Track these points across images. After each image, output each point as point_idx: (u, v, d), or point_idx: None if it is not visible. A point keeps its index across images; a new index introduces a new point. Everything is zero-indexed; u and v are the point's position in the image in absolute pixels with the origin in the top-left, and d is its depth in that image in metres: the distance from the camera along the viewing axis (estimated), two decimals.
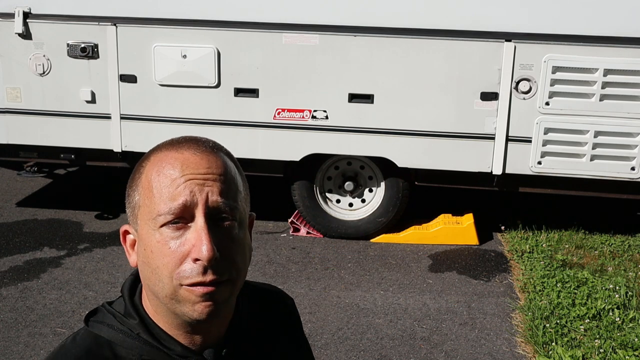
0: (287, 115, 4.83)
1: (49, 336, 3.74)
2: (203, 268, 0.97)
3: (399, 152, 4.85)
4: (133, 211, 1.04)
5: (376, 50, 4.66)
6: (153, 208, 0.99)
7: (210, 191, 0.99)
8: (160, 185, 0.99)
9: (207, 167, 1.00)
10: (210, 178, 1.00)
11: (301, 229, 5.28)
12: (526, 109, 4.64)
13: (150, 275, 1.00)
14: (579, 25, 4.47)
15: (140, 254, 1.02)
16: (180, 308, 1.00)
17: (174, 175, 0.99)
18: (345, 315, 4.08)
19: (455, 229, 5.19)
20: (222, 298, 1.00)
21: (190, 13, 4.71)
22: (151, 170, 1.01)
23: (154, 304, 1.05)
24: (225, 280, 1.00)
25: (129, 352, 1.04)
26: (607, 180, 4.75)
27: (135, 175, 1.05)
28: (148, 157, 1.05)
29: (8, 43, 4.88)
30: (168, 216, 0.98)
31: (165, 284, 0.99)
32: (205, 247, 0.96)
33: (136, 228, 1.04)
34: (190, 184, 0.98)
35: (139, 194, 1.02)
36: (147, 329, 1.05)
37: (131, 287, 1.10)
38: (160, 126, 4.88)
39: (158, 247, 0.99)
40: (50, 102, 4.98)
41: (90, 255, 4.82)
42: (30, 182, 6.37)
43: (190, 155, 1.01)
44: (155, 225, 0.99)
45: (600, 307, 4.05)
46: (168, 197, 0.98)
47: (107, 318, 1.07)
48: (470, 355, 3.69)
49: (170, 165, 1.00)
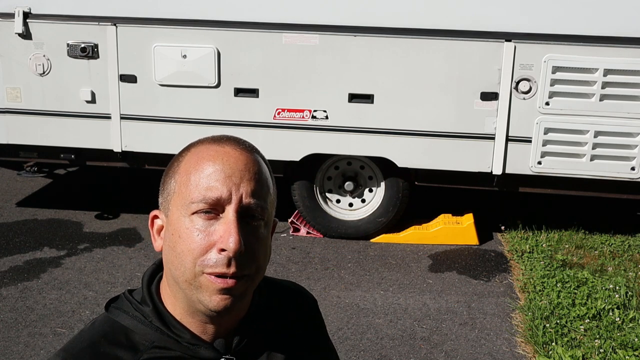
0: (287, 115, 4.83)
1: (49, 336, 3.74)
2: (227, 260, 1.00)
3: (399, 152, 4.85)
4: (167, 197, 1.07)
5: (376, 50, 4.66)
6: (188, 195, 1.03)
7: (245, 190, 1.02)
8: (198, 174, 1.03)
9: (245, 164, 1.04)
10: (246, 176, 1.03)
11: (301, 229, 5.28)
12: (526, 109, 4.64)
13: (174, 259, 1.04)
14: (579, 25, 4.48)
15: (168, 238, 1.06)
16: (198, 295, 1.03)
17: (213, 167, 1.03)
18: (345, 315, 4.08)
19: (455, 229, 5.19)
20: (239, 292, 1.03)
21: (190, 13, 4.71)
22: (191, 160, 1.05)
23: (173, 289, 1.07)
24: (246, 275, 1.03)
25: (142, 338, 1.07)
26: (607, 180, 4.75)
27: (173, 164, 1.08)
28: (188, 149, 1.09)
29: (8, 43, 4.88)
30: (201, 204, 1.01)
31: (187, 268, 1.02)
32: (232, 239, 0.99)
33: (167, 213, 1.07)
34: (227, 180, 1.02)
35: (175, 181, 1.06)
36: (159, 316, 1.08)
37: (151, 275, 1.14)
38: (160, 126, 4.88)
39: (187, 232, 1.02)
40: (50, 102, 4.97)
41: (90, 255, 4.82)
42: (30, 182, 6.37)
43: (231, 149, 1.05)
44: (187, 212, 1.02)
45: (600, 307, 4.05)
46: (205, 187, 1.02)
47: (124, 305, 1.11)
48: (470, 355, 3.69)
49: (211, 157, 1.04)
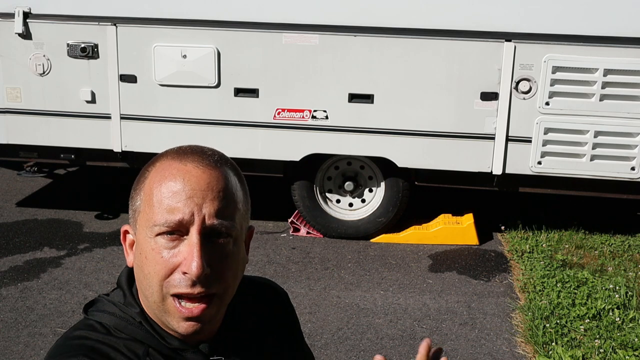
0: (287, 115, 4.83)
1: (49, 336, 3.74)
2: (191, 282, 0.99)
3: (399, 152, 4.85)
4: (134, 214, 1.06)
5: (376, 50, 4.65)
6: (151, 216, 1.01)
7: (208, 211, 1.00)
8: (160, 195, 1.01)
9: (208, 183, 1.01)
10: (209, 196, 1.00)
11: (301, 229, 5.28)
12: (526, 109, 4.64)
13: (142, 279, 1.04)
14: (579, 25, 4.47)
15: (137, 257, 1.05)
16: (167, 318, 1.03)
17: (174, 188, 1.00)
18: (345, 315, 4.08)
19: (455, 229, 5.19)
20: (208, 317, 1.03)
21: (190, 13, 4.71)
22: (154, 179, 1.03)
23: (146, 305, 1.07)
24: (213, 295, 1.01)
25: (138, 337, 1.07)
26: (607, 180, 4.75)
27: (140, 179, 1.07)
28: (154, 163, 1.06)
29: (8, 43, 4.88)
30: (163, 227, 1.00)
31: (154, 290, 1.02)
32: (195, 264, 0.98)
33: (135, 231, 1.06)
34: (189, 201, 0.99)
35: (141, 199, 1.04)
36: (147, 319, 1.08)
37: (128, 278, 1.13)
38: (160, 126, 4.88)
39: (152, 254, 1.01)
40: (50, 102, 4.97)
41: (90, 255, 4.82)
42: (30, 182, 6.37)
43: (193, 168, 1.02)
44: (152, 233, 1.01)
45: (600, 307, 4.05)
46: (166, 209, 1.00)
47: (107, 307, 1.10)
48: (470, 355, 3.69)
49: (173, 176, 1.01)
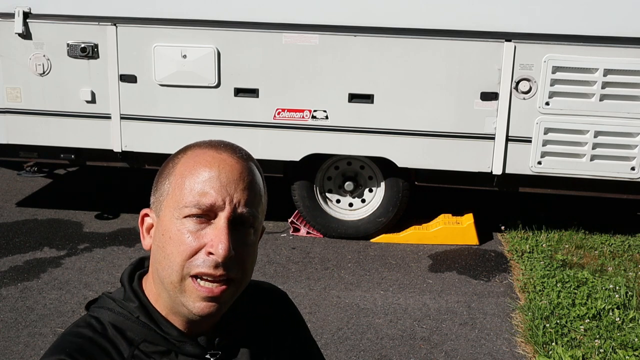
0: (287, 115, 4.83)
1: (49, 336, 3.74)
2: (215, 263, 1.01)
3: (399, 152, 4.85)
4: (159, 197, 1.08)
5: (376, 50, 4.65)
6: (181, 198, 1.03)
7: (239, 199, 1.03)
8: (194, 178, 1.03)
9: (240, 173, 1.05)
10: (241, 185, 1.04)
11: (301, 229, 5.28)
12: (526, 109, 4.64)
13: (162, 260, 1.05)
14: (579, 25, 4.47)
15: (157, 238, 1.06)
16: (182, 299, 1.04)
17: (210, 173, 1.03)
18: (345, 315, 4.08)
19: (455, 229, 5.19)
20: (224, 299, 1.05)
21: (190, 13, 4.71)
22: (187, 163, 1.06)
23: (158, 288, 1.08)
24: (232, 279, 1.04)
25: (132, 334, 1.08)
26: (607, 180, 4.75)
27: (168, 164, 1.09)
28: (185, 151, 1.09)
29: (8, 43, 4.88)
30: (194, 209, 1.02)
31: (174, 270, 1.03)
32: (222, 246, 1.00)
33: (158, 213, 1.07)
34: (222, 189, 1.02)
35: (170, 183, 1.06)
36: (146, 313, 1.09)
37: (130, 274, 1.15)
38: (160, 126, 4.88)
39: (177, 234, 1.03)
40: (50, 102, 4.97)
41: (90, 255, 4.82)
42: (30, 182, 6.37)
43: (228, 157, 1.05)
44: (180, 214, 1.03)
45: (600, 307, 4.05)
46: (199, 192, 1.02)
47: (107, 303, 1.12)
48: (470, 355, 3.69)
49: (208, 162, 1.04)
